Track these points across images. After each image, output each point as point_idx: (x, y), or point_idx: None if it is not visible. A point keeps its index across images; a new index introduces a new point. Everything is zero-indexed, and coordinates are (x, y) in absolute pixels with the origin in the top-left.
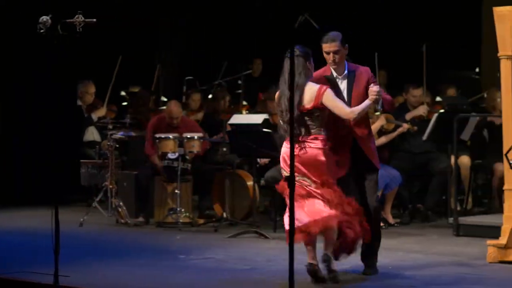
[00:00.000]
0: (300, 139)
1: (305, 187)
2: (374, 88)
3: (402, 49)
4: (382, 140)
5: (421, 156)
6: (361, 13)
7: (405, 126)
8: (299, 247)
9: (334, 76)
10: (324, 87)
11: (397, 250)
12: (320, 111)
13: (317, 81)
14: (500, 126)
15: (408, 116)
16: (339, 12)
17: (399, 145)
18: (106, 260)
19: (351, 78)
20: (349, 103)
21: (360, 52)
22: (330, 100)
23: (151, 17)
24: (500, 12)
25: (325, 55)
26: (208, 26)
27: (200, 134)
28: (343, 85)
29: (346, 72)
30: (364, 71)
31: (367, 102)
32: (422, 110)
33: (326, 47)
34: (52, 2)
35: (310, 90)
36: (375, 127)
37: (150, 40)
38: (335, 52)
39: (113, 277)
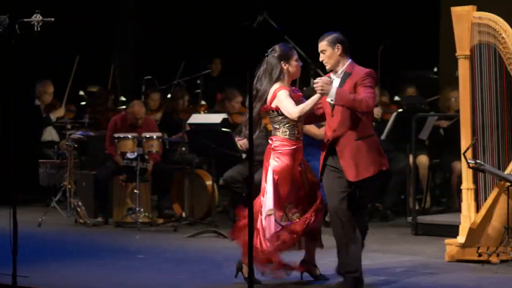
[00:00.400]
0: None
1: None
2: (315, 80)
3: (361, 49)
4: None
5: None
6: (319, 12)
7: None
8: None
9: (331, 75)
10: (281, 88)
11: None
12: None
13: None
14: (451, 126)
15: None
16: (297, 12)
17: None
18: (65, 260)
19: (343, 78)
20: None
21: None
22: (279, 100)
23: (108, 16)
24: (458, 12)
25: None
26: (166, 25)
27: (159, 134)
28: (334, 84)
29: (342, 72)
30: (359, 72)
31: (313, 97)
32: (375, 111)
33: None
34: (9, 1)
35: (271, 92)
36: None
37: (107, 39)
38: (321, 52)
39: (72, 277)
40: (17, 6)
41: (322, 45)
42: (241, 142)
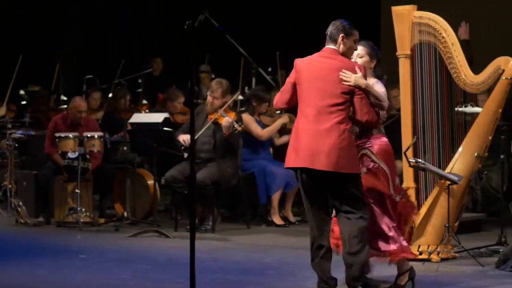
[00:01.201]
0: None
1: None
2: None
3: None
4: (285, 139)
5: None
6: (263, 12)
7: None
8: (200, 245)
9: None
10: None
11: (298, 248)
12: None
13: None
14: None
15: None
16: (238, 11)
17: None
18: (6, 261)
19: None
20: None
21: (262, 51)
22: None
23: (51, 16)
24: (398, 11)
25: (353, 44)
26: (107, 24)
27: (100, 133)
28: None
29: None
30: None
31: None
32: None
33: (357, 35)
34: None
35: None
36: (276, 125)
37: (49, 39)
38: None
39: (12, 277)
40: None
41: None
42: (185, 138)
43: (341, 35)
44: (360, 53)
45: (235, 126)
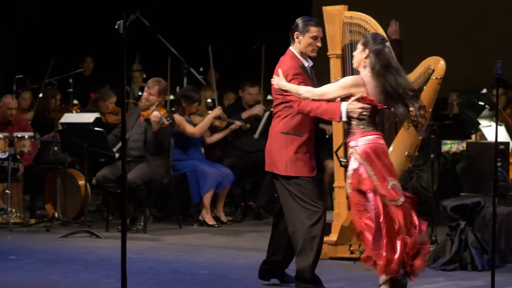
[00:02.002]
0: None
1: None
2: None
3: (239, 47)
4: (216, 137)
5: (253, 154)
6: (196, 10)
7: (237, 123)
8: (132, 246)
9: (306, 65)
10: None
11: (230, 248)
12: None
13: (292, 70)
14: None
15: (245, 115)
16: (170, 11)
17: (231, 143)
18: None
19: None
20: None
21: (194, 50)
22: None
23: None
24: (329, 11)
25: (310, 40)
26: (37, 23)
27: (31, 134)
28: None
29: (310, 62)
30: None
31: None
32: (258, 109)
33: (316, 31)
34: None
35: None
36: (207, 119)
37: None
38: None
39: None
40: None
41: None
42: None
43: (295, 33)
44: None
45: (163, 120)
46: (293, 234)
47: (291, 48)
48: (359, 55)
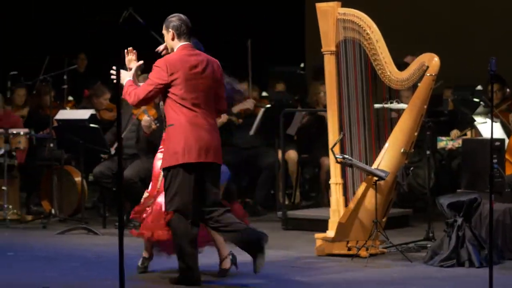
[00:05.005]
0: None
1: None
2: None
3: (227, 43)
4: None
5: (249, 151)
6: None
7: (225, 117)
8: (129, 242)
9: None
10: None
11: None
12: None
13: None
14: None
15: (235, 109)
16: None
17: (226, 140)
18: None
19: None
20: None
21: None
22: None
23: None
24: (322, 8)
25: None
26: (31, 19)
27: (26, 130)
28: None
29: None
30: None
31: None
32: (249, 104)
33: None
34: None
35: None
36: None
37: None
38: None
39: None
40: None
41: (163, 28)
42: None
43: None
44: None
45: (152, 124)
46: None
47: None
48: None
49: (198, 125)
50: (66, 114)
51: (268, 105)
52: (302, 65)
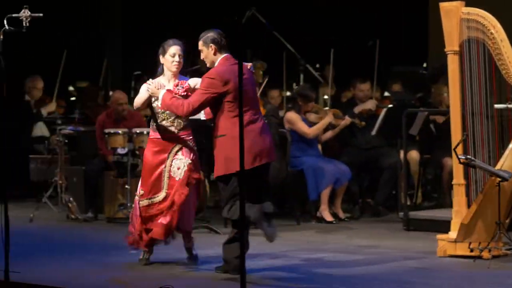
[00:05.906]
0: None
1: None
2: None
3: (353, 44)
4: (328, 135)
5: (370, 151)
6: (310, 7)
7: (348, 119)
8: (250, 241)
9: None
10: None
11: (348, 245)
12: None
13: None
14: (445, 122)
15: (357, 109)
16: (286, 7)
17: (348, 140)
18: (57, 256)
19: None
20: None
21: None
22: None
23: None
24: (446, 7)
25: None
26: (153, 19)
27: (149, 129)
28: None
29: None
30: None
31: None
32: (370, 104)
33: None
34: None
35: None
36: (322, 123)
37: (94, 34)
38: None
39: (63, 273)
40: (5, 1)
41: (199, 45)
42: None
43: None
44: None
45: None
46: None
47: None
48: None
49: (249, 131)
50: None
51: (390, 105)
52: (424, 65)
